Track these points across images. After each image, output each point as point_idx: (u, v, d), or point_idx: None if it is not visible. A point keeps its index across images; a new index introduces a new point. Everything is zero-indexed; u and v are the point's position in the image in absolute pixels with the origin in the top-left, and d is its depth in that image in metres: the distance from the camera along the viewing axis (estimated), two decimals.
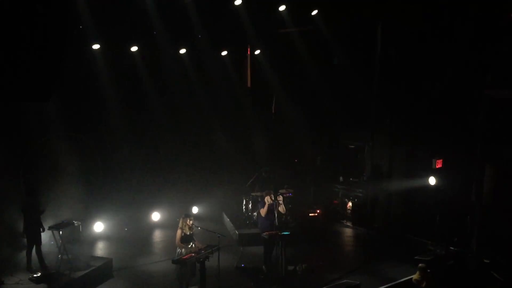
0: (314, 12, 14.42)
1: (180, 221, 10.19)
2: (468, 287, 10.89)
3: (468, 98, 12.67)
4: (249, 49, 16.25)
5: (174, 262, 9.76)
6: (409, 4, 13.10)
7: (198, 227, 10.64)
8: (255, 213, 13.95)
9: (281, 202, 11.48)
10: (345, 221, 15.49)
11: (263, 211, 11.38)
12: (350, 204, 15.58)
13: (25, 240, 10.90)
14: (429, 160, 13.12)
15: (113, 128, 14.01)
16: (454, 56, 12.75)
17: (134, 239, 13.63)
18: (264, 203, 11.49)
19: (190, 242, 10.15)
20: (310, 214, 14.81)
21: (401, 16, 13.46)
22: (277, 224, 11.29)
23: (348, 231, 14.93)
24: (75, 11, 11.34)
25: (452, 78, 12.92)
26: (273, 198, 11.41)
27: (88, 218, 13.07)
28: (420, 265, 10.28)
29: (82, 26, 11.79)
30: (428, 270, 10.29)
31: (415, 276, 10.25)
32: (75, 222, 11.18)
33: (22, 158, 12.05)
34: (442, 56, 13.00)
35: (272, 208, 11.30)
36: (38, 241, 10.75)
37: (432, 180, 13.11)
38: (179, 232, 10.08)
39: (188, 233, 10.13)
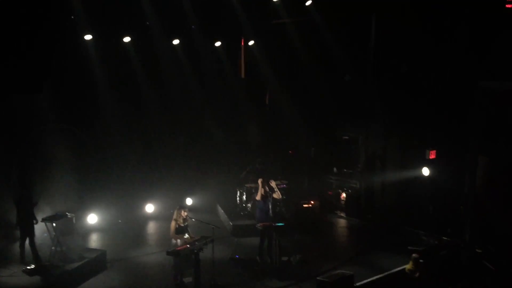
0: (308, 3, 14.35)
1: (175, 213, 10.19)
2: (460, 277, 10.96)
3: (462, 89, 12.68)
4: (243, 40, 16.18)
5: (168, 253, 9.76)
6: None
7: (192, 218, 10.64)
8: (249, 204, 13.98)
9: (274, 187, 11.42)
10: (339, 212, 15.54)
11: (258, 195, 11.37)
12: (344, 195, 15.61)
13: (18, 232, 10.84)
14: (423, 151, 13.17)
15: (106, 119, 13.94)
16: (448, 48, 12.75)
17: (128, 231, 13.61)
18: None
19: (184, 234, 10.15)
20: (304, 205, 14.82)
21: (394, 8, 13.44)
22: (271, 215, 11.30)
23: (342, 222, 14.99)
24: (67, 2, 11.24)
25: (446, 69, 12.94)
26: (266, 189, 11.36)
27: (81, 210, 13.04)
28: (413, 255, 10.34)
29: (73, 16, 11.68)
30: (421, 260, 10.36)
31: (408, 266, 10.33)
32: (69, 214, 11.13)
33: (15, 150, 11.96)
34: (436, 48, 12.99)
35: (267, 195, 11.29)
36: (31, 233, 10.71)
37: (425, 171, 13.16)
38: (173, 223, 10.08)
39: (183, 225, 10.13)
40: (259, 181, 11.44)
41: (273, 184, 11.41)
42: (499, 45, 11.89)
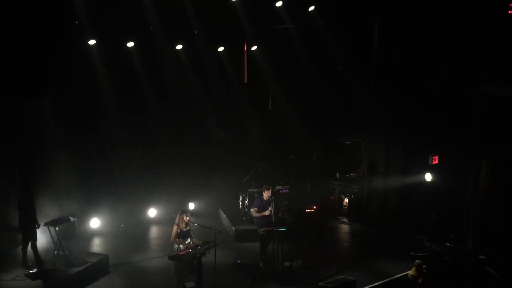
0: (311, 8, 14.40)
1: (177, 217, 10.18)
2: (463, 283, 10.93)
3: (464, 95, 12.69)
4: (245, 45, 16.22)
5: (170, 258, 9.75)
6: (406, 3, 13.12)
7: (194, 223, 10.64)
8: (251, 209, 13.97)
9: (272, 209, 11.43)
10: (341, 217, 15.52)
11: (258, 212, 11.31)
12: (346, 200, 15.61)
13: (21, 236, 10.86)
14: (425, 157, 13.16)
15: (109, 124, 13.95)
16: (450, 53, 12.77)
17: (131, 235, 13.61)
18: (260, 200, 11.47)
19: (186, 238, 10.14)
20: (306, 210, 14.83)
21: (396, 16, 13.50)
22: (273, 220, 11.29)
23: (344, 227, 14.96)
24: (71, 7, 11.29)
25: (448, 75, 12.95)
26: (270, 195, 11.39)
27: (84, 214, 13.04)
28: (416, 261, 10.33)
29: (78, 21, 11.74)
30: (424, 266, 10.34)
31: (411, 272, 10.31)
32: (71, 218, 11.13)
33: (18, 154, 11.99)
34: (438, 54, 13.01)
35: (268, 206, 11.29)
36: (33, 237, 10.73)
37: (428, 177, 13.15)
38: (175, 228, 10.08)
39: (185, 229, 10.12)
40: (265, 194, 11.35)
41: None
42: (502, 51, 11.90)
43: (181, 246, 9.98)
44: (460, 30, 12.53)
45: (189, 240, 10.14)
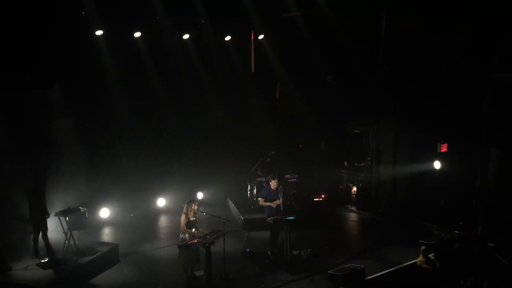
0: None
1: (185, 207, 10.20)
2: (473, 271, 10.92)
3: (474, 82, 12.58)
4: (252, 34, 16.15)
5: (180, 247, 9.81)
6: None
7: (203, 212, 10.67)
8: (259, 198, 13.98)
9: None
10: (349, 205, 15.52)
11: (264, 201, 11.36)
12: (354, 188, 15.59)
13: (31, 226, 10.98)
14: (434, 144, 13.09)
15: (117, 114, 14.00)
16: (459, 40, 12.64)
17: (140, 224, 13.71)
18: (267, 190, 11.49)
19: (192, 228, 10.17)
20: (315, 199, 14.83)
21: (405, 2, 13.36)
22: (282, 209, 11.32)
23: (352, 216, 14.97)
24: None
25: (457, 62, 12.82)
26: (277, 183, 11.41)
27: (94, 204, 13.14)
28: (421, 247, 10.34)
29: (85, 12, 11.75)
30: (432, 254, 10.34)
31: (419, 259, 10.32)
32: (81, 208, 11.21)
33: (28, 144, 12.09)
34: (447, 40, 12.88)
35: (276, 195, 11.31)
36: (44, 227, 10.84)
37: (437, 164, 13.09)
38: (183, 217, 10.10)
39: (192, 219, 10.15)
40: (272, 184, 11.38)
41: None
42: (510, 36, 11.77)
43: (187, 235, 10.01)
44: (469, 15, 12.39)
45: (194, 230, 10.15)
